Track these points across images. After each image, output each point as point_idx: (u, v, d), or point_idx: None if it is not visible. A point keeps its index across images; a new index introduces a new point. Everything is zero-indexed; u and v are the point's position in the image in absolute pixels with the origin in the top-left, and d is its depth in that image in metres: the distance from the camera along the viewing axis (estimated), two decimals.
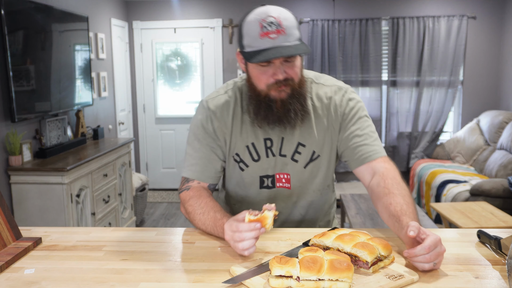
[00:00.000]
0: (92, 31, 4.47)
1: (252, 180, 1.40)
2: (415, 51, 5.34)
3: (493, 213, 3.27)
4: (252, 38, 1.22)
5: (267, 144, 1.37)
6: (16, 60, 3.08)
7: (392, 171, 1.31)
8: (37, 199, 3.08)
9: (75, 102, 3.92)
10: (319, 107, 1.37)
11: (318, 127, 1.37)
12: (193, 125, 1.42)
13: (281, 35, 1.20)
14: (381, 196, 1.25)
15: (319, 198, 1.46)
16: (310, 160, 1.39)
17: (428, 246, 1.01)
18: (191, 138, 1.42)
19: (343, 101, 1.38)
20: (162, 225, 4.59)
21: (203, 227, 1.29)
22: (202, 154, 1.39)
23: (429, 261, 1.02)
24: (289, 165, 1.38)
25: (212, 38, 5.61)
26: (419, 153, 5.48)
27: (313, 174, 1.41)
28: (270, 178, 1.40)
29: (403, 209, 1.18)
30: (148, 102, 5.79)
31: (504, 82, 5.25)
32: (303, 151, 1.37)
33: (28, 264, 1.14)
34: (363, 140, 1.35)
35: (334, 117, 1.37)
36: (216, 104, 1.39)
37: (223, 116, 1.38)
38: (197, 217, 1.30)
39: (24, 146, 3.24)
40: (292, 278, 0.96)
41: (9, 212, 1.24)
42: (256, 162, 1.38)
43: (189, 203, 1.35)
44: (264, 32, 1.20)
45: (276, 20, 1.20)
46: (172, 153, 5.87)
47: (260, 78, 1.26)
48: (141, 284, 1.01)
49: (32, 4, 3.29)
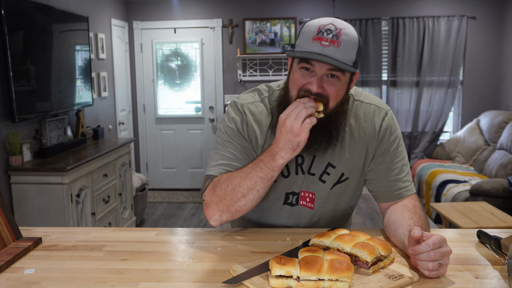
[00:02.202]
0: (92, 31, 4.47)
1: (278, 195, 1.33)
2: (415, 51, 5.34)
3: (493, 213, 3.27)
4: (305, 39, 1.14)
5: (298, 161, 1.30)
6: (16, 60, 3.08)
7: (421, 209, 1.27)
8: (37, 199, 3.08)
9: (75, 102, 3.92)
10: (355, 128, 1.29)
11: (351, 149, 1.29)
12: (225, 126, 1.31)
13: (334, 46, 1.10)
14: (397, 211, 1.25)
15: (341, 219, 1.41)
16: (337, 182, 1.32)
17: (433, 242, 0.98)
18: (223, 137, 1.30)
19: (382, 126, 1.29)
20: (162, 225, 4.59)
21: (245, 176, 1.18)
22: (234, 154, 1.28)
23: (433, 259, 0.98)
24: (315, 184, 1.32)
25: (212, 38, 5.61)
26: (419, 153, 5.48)
27: (338, 196, 1.34)
28: (295, 195, 1.33)
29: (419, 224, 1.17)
30: (148, 102, 5.79)
31: (504, 82, 5.25)
32: (332, 172, 1.30)
33: (28, 264, 1.14)
34: (396, 174, 1.30)
35: (371, 141, 1.29)
36: (253, 111, 1.30)
37: (260, 125, 1.29)
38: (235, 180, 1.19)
39: (24, 146, 3.24)
40: (292, 278, 0.96)
41: (9, 212, 1.24)
42: (285, 178, 1.31)
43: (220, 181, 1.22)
44: (319, 36, 1.12)
45: (335, 30, 1.12)
46: (172, 153, 5.87)
47: (297, 80, 1.18)
48: (141, 284, 1.01)
49: (32, 4, 3.29)
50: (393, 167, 1.30)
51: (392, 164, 1.30)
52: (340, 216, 1.40)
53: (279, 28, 5.46)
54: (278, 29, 5.46)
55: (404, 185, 1.30)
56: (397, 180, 1.30)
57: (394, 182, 1.30)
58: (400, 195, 1.30)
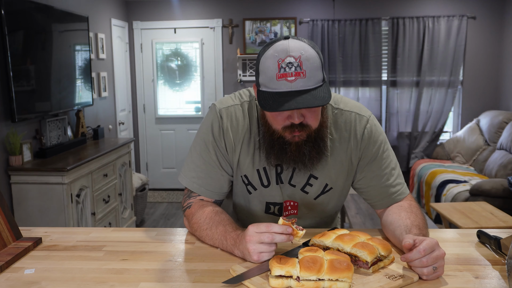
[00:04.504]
0: (92, 31, 4.47)
1: (258, 204, 1.35)
2: (415, 51, 5.34)
3: (493, 213, 3.27)
4: (269, 79, 1.11)
5: (278, 170, 1.28)
6: (16, 60, 3.08)
7: (417, 207, 1.28)
8: (37, 199, 3.08)
9: (75, 102, 3.92)
10: (336, 139, 1.28)
11: (333, 160, 1.28)
12: (203, 132, 1.32)
13: (300, 78, 1.08)
14: (394, 211, 1.25)
15: (327, 221, 1.44)
16: (321, 193, 1.32)
17: (423, 249, 0.98)
18: (200, 145, 1.31)
19: (365, 134, 1.28)
20: (162, 225, 4.59)
21: (211, 242, 1.22)
22: (210, 169, 1.30)
23: (426, 265, 0.98)
24: (298, 195, 1.32)
25: (212, 38, 5.61)
26: (419, 153, 5.48)
27: (323, 205, 1.35)
28: (277, 205, 1.33)
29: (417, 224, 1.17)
30: (148, 102, 5.79)
31: (504, 82, 5.25)
32: (315, 183, 1.30)
33: (28, 264, 1.14)
34: (386, 181, 1.29)
35: (354, 151, 1.29)
36: (231, 116, 1.29)
37: (237, 131, 1.28)
38: (204, 233, 1.23)
39: (24, 146, 3.24)
40: (292, 278, 0.96)
41: (9, 212, 1.24)
42: (265, 188, 1.31)
43: (193, 220, 1.27)
44: (282, 73, 1.09)
45: (296, 62, 1.08)
46: (172, 153, 5.87)
47: (275, 119, 1.16)
48: (141, 284, 1.01)
49: (32, 4, 3.29)
50: (381, 174, 1.30)
51: (380, 171, 1.30)
52: (325, 219, 1.43)
53: (279, 28, 5.46)
54: (278, 29, 5.46)
55: (395, 190, 1.30)
56: (388, 186, 1.30)
57: (385, 188, 1.30)
58: (394, 200, 1.30)
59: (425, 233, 1.17)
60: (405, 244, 1.02)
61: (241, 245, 1.10)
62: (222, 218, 1.23)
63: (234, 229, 1.17)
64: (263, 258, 1.07)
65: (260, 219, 1.37)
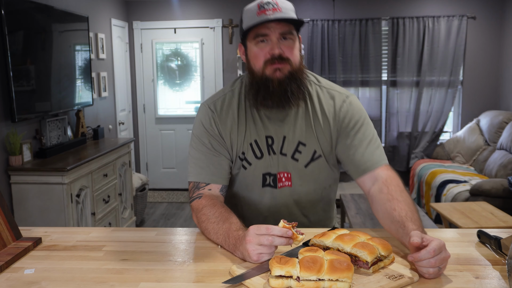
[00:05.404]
0: (92, 31, 4.47)
1: (255, 179, 1.40)
2: (415, 51, 5.34)
3: (493, 213, 3.27)
4: (250, 18, 1.27)
5: (268, 142, 1.37)
6: (16, 60, 3.08)
7: (395, 178, 1.30)
8: (37, 199, 3.08)
9: (75, 102, 3.92)
10: (318, 109, 1.37)
11: (317, 128, 1.37)
12: (195, 129, 1.41)
13: (277, 12, 1.25)
14: (384, 202, 1.24)
15: (321, 196, 1.46)
16: (311, 160, 1.38)
17: (433, 249, 0.98)
18: (195, 141, 1.40)
19: (343, 107, 1.37)
20: (162, 225, 4.59)
21: (214, 236, 1.24)
22: (210, 157, 1.38)
23: (434, 266, 0.99)
24: (290, 165, 1.38)
25: (212, 38, 5.61)
26: (419, 153, 5.48)
27: (314, 174, 1.40)
28: (272, 176, 1.39)
29: (408, 215, 1.17)
30: (148, 102, 5.79)
31: (504, 82, 5.25)
32: (303, 150, 1.37)
33: (28, 264, 1.14)
34: (364, 149, 1.34)
35: (333, 122, 1.37)
36: (218, 105, 1.40)
37: (227, 115, 1.38)
38: (210, 226, 1.26)
39: (24, 146, 3.24)
40: (292, 278, 0.96)
41: (9, 212, 1.24)
42: (259, 160, 1.38)
43: (203, 211, 1.31)
44: (261, 10, 1.25)
45: (273, 1, 1.26)
46: (172, 153, 5.87)
47: (257, 56, 1.29)
48: (141, 284, 1.01)
49: (32, 4, 3.29)
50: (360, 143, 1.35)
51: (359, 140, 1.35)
52: (319, 196, 1.45)
53: None
54: None
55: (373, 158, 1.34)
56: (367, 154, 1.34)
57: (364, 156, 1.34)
58: (372, 167, 1.33)
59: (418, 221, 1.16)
60: (413, 242, 1.02)
61: (241, 246, 1.12)
62: (231, 216, 1.26)
63: (237, 229, 1.19)
64: (262, 258, 1.09)
65: (258, 197, 1.41)
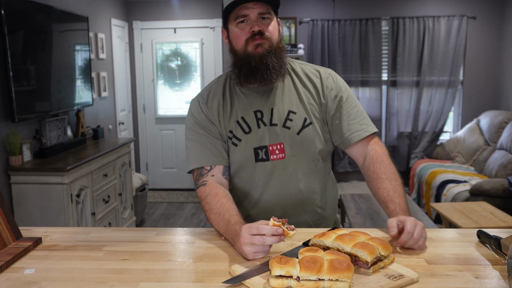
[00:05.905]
0: (92, 31, 4.47)
1: (247, 155, 1.42)
2: (415, 51, 5.34)
3: (493, 213, 3.27)
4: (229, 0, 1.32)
5: (258, 116, 1.42)
6: (16, 60, 3.08)
7: (380, 153, 1.39)
8: (37, 199, 3.08)
9: (75, 102, 3.92)
10: (305, 80, 1.45)
11: (306, 98, 1.43)
12: (187, 121, 1.48)
13: None
14: (371, 181, 1.37)
15: (315, 170, 1.45)
16: (302, 127, 1.41)
17: (411, 229, 1.15)
18: (189, 132, 1.47)
19: (329, 78, 1.45)
20: (162, 225, 4.59)
21: (217, 227, 1.30)
22: (205, 142, 1.43)
23: (418, 239, 1.15)
24: (281, 134, 1.41)
25: (212, 38, 5.61)
26: (419, 153, 5.48)
27: (307, 142, 1.42)
28: (264, 149, 1.41)
29: (390, 195, 1.30)
30: (148, 102, 5.79)
31: (504, 82, 5.25)
32: (294, 118, 1.41)
33: (28, 264, 1.14)
34: (351, 119, 1.42)
35: (321, 92, 1.43)
36: (205, 95, 1.47)
37: (213, 101, 1.45)
38: (213, 216, 1.31)
39: (24, 146, 3.24)
40: (292, 278, 0.96)
41: (9, 212, 1.24)
42: (247, 135, 1.41)
43: (206, 200, 1.35)
44: None
45: None
46: (172, 153, 5.87)
47: (239, 35, 1.36)
48: (141, 284, 1.01)
49: (32, 4, 3.29)
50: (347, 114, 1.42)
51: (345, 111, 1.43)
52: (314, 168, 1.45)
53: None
54: None
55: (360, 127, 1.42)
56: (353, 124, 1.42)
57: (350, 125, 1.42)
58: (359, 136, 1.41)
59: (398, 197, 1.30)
60: (391, 235, 1.18)
61: (236, 244, 1.17)
62: (231, 208, 1.29)
63: (235, 223, 1.22)
64: (258, 256, 1.13)
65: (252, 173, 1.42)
